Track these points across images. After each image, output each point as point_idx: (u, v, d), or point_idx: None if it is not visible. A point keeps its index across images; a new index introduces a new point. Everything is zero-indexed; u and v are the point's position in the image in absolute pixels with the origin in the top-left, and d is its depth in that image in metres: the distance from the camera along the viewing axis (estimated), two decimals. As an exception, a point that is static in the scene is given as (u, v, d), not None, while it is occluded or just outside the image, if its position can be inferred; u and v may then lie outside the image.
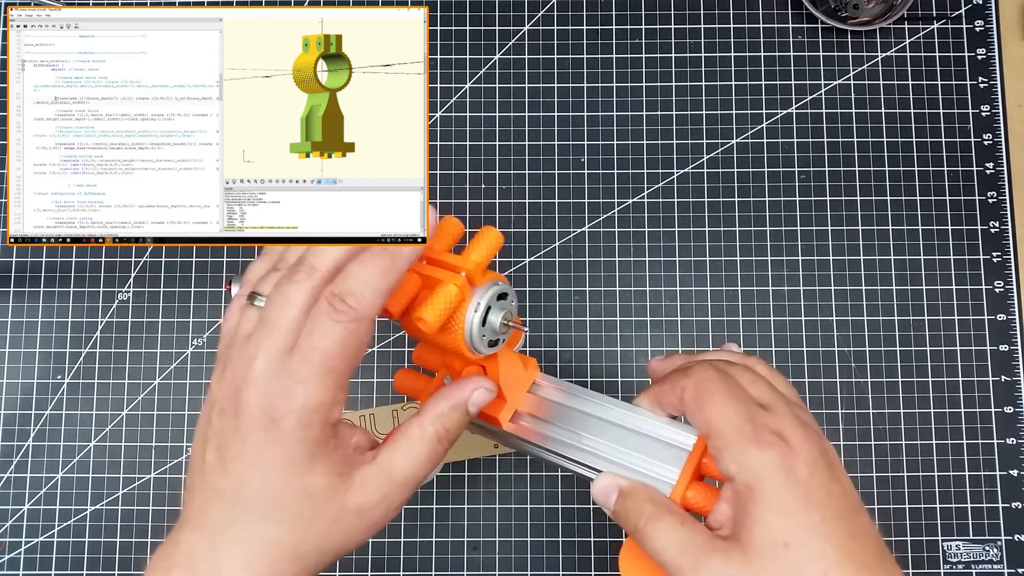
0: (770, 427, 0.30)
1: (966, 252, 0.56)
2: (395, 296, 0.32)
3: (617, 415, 0.36)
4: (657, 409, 0.35)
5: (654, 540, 0.30)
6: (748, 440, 0.30)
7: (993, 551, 0.53)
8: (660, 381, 0.35)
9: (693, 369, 0.33)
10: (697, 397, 0.32)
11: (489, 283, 0.33)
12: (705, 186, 0.57)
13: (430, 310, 0.31)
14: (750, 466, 0.29)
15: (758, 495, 0.29)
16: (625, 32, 0.59)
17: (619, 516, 0.33)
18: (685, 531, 0.30)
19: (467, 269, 0.32)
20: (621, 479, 0.33)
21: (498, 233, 0.33)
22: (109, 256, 0.57)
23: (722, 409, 0.31)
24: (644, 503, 0.32)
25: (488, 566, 0.53)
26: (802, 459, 0.29)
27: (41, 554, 0.54)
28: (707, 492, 0.32)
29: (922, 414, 0.55)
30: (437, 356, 0.40)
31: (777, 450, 0.29)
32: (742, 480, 0.29)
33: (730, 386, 0.32)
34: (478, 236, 0.33)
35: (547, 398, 0.38)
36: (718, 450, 0.30)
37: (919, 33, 0.59)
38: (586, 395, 0.37)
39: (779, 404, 0.31)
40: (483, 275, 0.33)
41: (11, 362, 0.56)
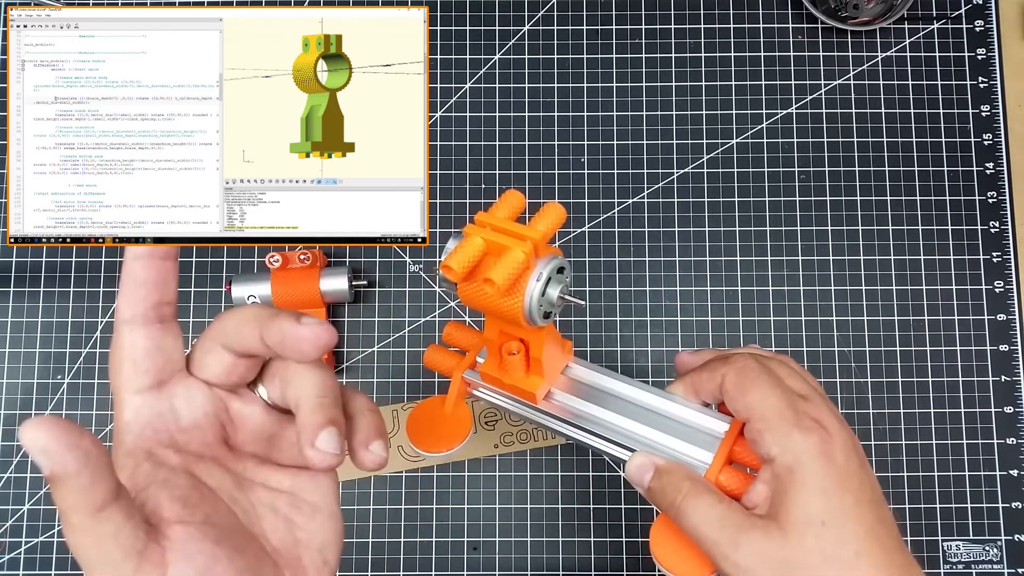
0: (810, 414, 0.31)
1: (966, 252, 0.56)
2: (459, 257, 0.32)
3: (650, 400, 0.37)
4: (692, 396, 0.36)
5: (692, 516, 0.31)
6: (791, 424, 0.31)
7: (993, 551, 0.53)
8: (698, 369, 0.36)
9: (733, 358, 0.34)
10: (739, 383, 0.33)
11: (550, 256, 0.33)
12: (705, 186, 0.57)
13: (499, 271, 0.31)
14: (792, 448, 0.30)
15: (798, 476, 0.30)
16: (625, 32, 0.59)
17: (654, 493, 0.33)
18: (723, 507, 0.31)
19: (533, 238, 0.32)
20: (657, 457, 0.34)
21: (562, 209, 0.34)
22: (109, 256, 0.57)
23: (766, 395, 0.32)
24: (682, 480, 0.32)
25: (488, 566, 0.53)
26: (839, 445, 0.31)
27: (41, 554, 0.54)
28: (740, 476, 0.33)
29: (922, 414, 0.55)
30: (468, 334, 0.41)
31: (817, 435, 0.30)
32: (783, 462, 0.30)
33: (771, 375, 0.33)
34: (544, 209, 0.34)
35: (580, 380, 0.38)
36: (759, 433, 0.31)
37: (919, 33, 0.59)
38: (619, 379, 0.38)
39: (815, 395, 0.33)
40: (545, 247, 0.33)
41: (11, 362, 0.56)
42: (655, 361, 0.55)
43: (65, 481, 0.22)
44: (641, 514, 0.54)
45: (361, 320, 0.56)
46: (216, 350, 0.28)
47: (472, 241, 0.32)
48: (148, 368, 0.27)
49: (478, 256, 0.32)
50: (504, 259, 0.31)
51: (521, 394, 0.37)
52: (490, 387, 0.39)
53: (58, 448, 0.21)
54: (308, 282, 0.53)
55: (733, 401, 0.33)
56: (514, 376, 0.37)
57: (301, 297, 0.53)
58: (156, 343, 0.27)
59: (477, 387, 0.39)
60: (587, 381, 0.38)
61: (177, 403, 0.28)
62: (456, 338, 0.41)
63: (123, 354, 0.27)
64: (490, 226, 0.33)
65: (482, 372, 0.38)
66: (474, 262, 0.32)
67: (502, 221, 0.33)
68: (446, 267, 0.32)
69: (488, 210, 0.34)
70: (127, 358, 0.27)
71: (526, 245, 0.32)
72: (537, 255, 0.33)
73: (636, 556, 0.53)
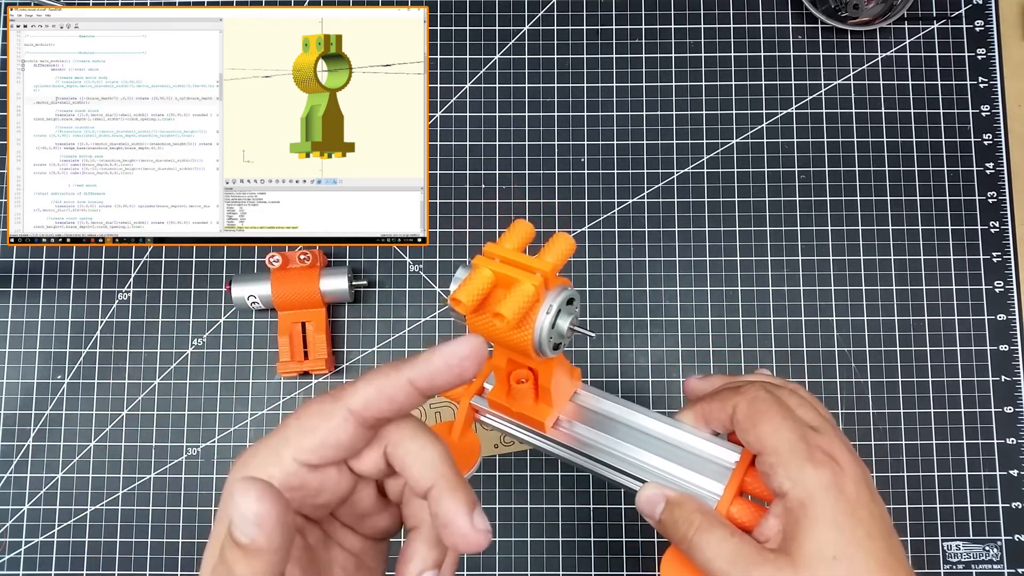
0: (822, 447, 0.31)
1: (966, 252, 0.56)
2: (468, 290, 0.32)
3: (659, 428, 0.36)
4: (702, 425, 0.36)
5: (704, 550, 0.31)
6: (803, 458, 0.31)
7: (993, 551, 0.53)
8: (708, 398, 0.36)
9: (744, 389, 0.34)
10: (751, 415, 0.33)
11: (560, 287, 0.33)
12: (705, 186, 0.57)
13: (509, 306, 0.31)
14: (804, 483, 0.30)
15: (810, 511, 0.30)
16: (625, 32, 0.59)
17: (666, 526, 0.33)
18: (735, 542, 0.31)
19: (543, 271, 0.32)
20: (668, 489, 0.34)
21: (572, 239, 0.34)
22: (109, 256, 0.57)
23: (777, 428, 0.32)
24: (694, 513, 0.32)
25: (488, 566, 0.53)
26: (850, 478, 0.31)
27: (41, 554, 0.54)
28: (751, 509, 0.33)
29: (922, 414, 0.55)
30: None
31: (829, 469, 0.31)
32: (795, 496, 0.30)
33: (783, 407, 0.33)
34: (553, 240, 0.33)
35: (588, 407, 0.38)
36: (771, 466, 0.31)
37: (919, 33, 0.59)
38: (627, 407, 0.37)
39: (826, 426, 0.33)
40: (555, 279, 0.33)
41: (11, 362, 0.56)
42: (655, 361, 0.55)
43: (260, 555, 0.22)
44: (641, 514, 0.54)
45: (361, 320, 0.56)
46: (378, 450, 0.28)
47: (481, 273, 0.32)
48: (330, 457, 0.26)
49: (487, 288, 0.32)
50: (514, 293, 0.31)
51: (530, 422, 0.37)
52: (498, 414, 0.38)
53: (272, 522, 0.21)
54: (308, 282, 0.53)
55: (744, 433, 0.33)
56: (523, 404, 0.36)
57: (301, 297, 0.54)
58: (356, 441, 0.27)
59: (484, 413, 0.39)
60: (595, 408, 0.38)
61: (326, 478, 0.27)
62: None
63: (323, 432, 0.26)
64: (499, 257, 0.33)
65: (490, 400, 0.37)
66: (483, 294, 0.32)
67: (511, 252, 0.33)
68: (455, 300, 0.32)
69: (497, 241, 0.34)
70: (324, 441, 0.26)
71: (536, 278, 0.32)
72: (547, 287, 0.32)
73: (636, 556, 0.53)
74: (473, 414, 0.39)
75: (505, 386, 0.36)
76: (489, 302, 0.32)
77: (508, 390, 0.36)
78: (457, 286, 0.32)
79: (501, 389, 0.37)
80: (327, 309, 0.55)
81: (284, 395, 0.56)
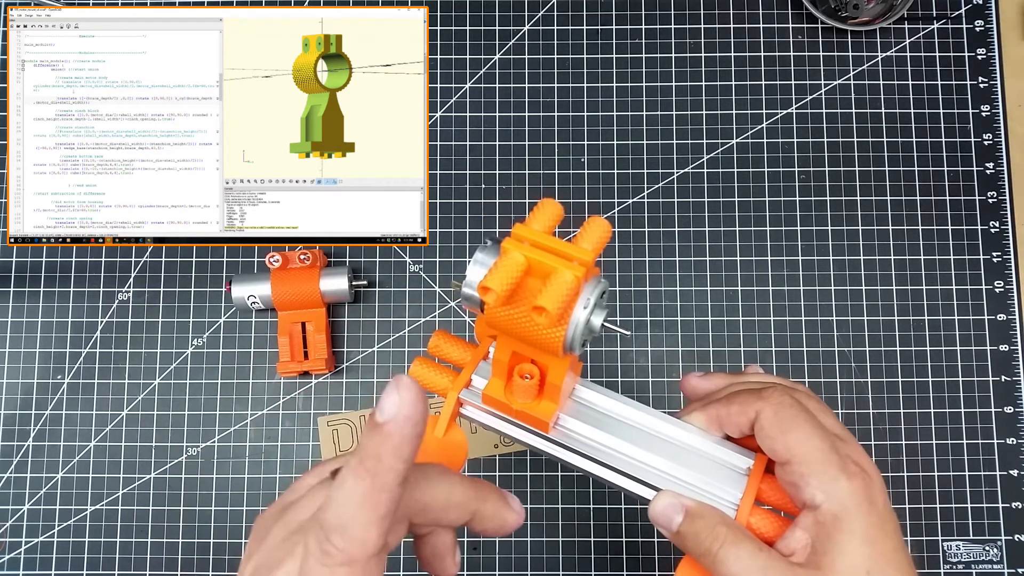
0: (852, 458, 0.31)
1: (966, 252, 0.56)
2: (500, 276, 0.27)
3: (666, 429, 0.34)
4: (714, 428, 0.34)
5: (731, 565, 0.30)
6: (837, 469, 0.30)
7: (993, 551, 0.53)
8: (724, 401, 0.34)
9: (768, 393, 0.32)
10: (779, 422, 0.31)
11: (595, 279, 0.30)
12: (705, 186, 0.57)
13: (551, 298, 0.27)
14: (838, 496, 0.30)
15: (845, 524, 0.29)
16: (625, 32, 0.59)
17: (685, 538, 0.32)
18: (764, 557, 0.30)
19: (584, 260, 0.28)
20: (685, 499, 0.32)
21: (608, 224, 0.30)
22: (109, 256, 0.57)
23: (809, 436, 0.31)
24: (717, 526, 0.31)
25: (488, 566, 0.53)
26: (878, 488, 0.30)
27: (41, 554, 0.54)
28: (772, 520, 0.31)
29: (922, 414, 0.55)
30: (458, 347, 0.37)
31: (861, 480, 0.30)
32: (828, 509, 0.30)
33: (811, 415, 0.31)
34: (588, 224, 0.30)
35: (588, 403, 0.35)
36: (802, 477, 0.30)
37: (919, 33, 0.59)
38: (630, 405, 0.35)
39: (848, 434, 0.32)
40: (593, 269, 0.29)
41: (11, 362, 0.56)
42: (655, 361, 0.55)
43: (391, 437, 0.24)
44: (641, 514, 0.54)
45: (361, 320, 0.56)
46: None
47: (513, 258, 0.28)
48: None
49: (519, 276, 0.28)
50: (554, 283, 0.27)
51: (531, 421, 0.34)
52: (487, 409, 0.35)
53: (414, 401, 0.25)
54: (308, 282, 0.53)
55: (771, 441, 0.31)
56: (523, 401, 0.33)
57: (301, 297, 0.54)
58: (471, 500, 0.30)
59: (466, 405, 0.36)
60: (596, 405, 0.35)
61: None
62: (445, 351, 0.37)
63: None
64: (529, 241, 0.29)
65: (485, 395, 0.34)
66: (516, 283, 0.28)
67: (542, 236, 0.29)
68: (485, 288, 0.27)
69: (525, 221, 0.30)
70: None
71: (576, 267, 0.28)
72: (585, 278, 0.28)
73: (636, 556, 0.53)
74: (458, 410, 0.36)
75: (503, 380, 0.33)
76: (521, 292, 0.29)
77: (508, 385, 0.33)
78: (481, 271, 0.28)
79: (498, 384, 0.34)
80: (327, 309, 0.55)
81: (284, 395, 0.56)
